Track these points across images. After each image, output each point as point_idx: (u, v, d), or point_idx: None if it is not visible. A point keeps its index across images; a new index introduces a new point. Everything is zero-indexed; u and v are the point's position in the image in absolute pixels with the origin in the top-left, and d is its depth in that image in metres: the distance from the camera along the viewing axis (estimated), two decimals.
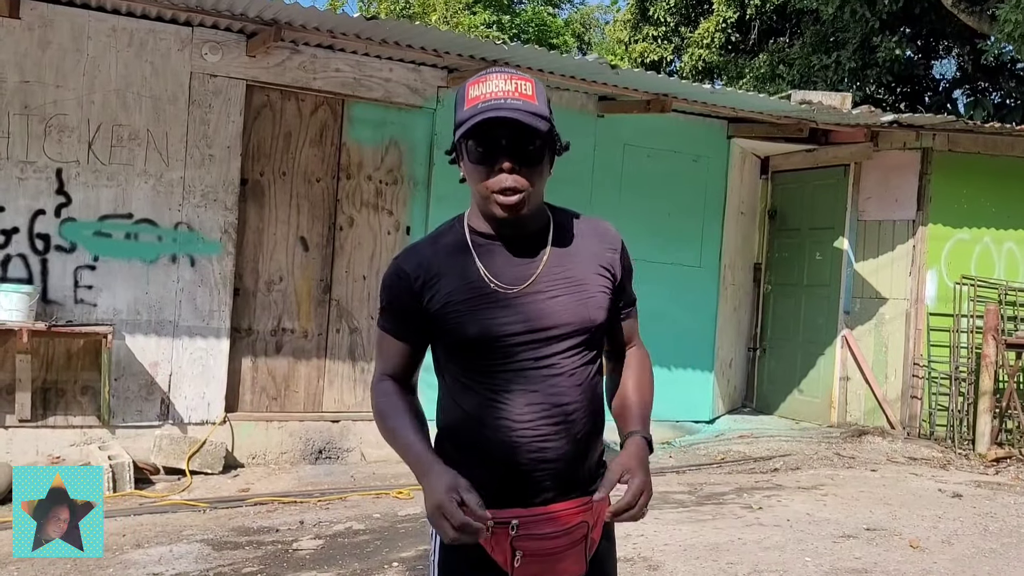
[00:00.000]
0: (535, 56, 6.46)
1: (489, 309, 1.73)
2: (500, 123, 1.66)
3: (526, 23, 20.03)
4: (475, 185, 1.75)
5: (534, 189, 1.72)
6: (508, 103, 1.66)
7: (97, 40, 5.95)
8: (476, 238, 1.81)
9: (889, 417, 8.34)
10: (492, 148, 1.69)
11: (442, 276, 1.78)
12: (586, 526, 1.79)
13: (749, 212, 9.36)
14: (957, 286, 8.14)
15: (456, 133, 1.74)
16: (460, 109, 1.73)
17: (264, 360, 6.65)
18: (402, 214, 7.10)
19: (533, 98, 1.70)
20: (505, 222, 1.75)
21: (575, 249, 1.82)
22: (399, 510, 5.42)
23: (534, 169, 1.71)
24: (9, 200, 5.76)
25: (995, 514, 5.72)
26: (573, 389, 1.76)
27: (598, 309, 1.80)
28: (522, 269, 1.77)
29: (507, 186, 1.69)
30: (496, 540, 1.73)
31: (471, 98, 1.70)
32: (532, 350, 1.74)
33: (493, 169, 1.70)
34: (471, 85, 1.72)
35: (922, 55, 14.54)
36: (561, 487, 1.78)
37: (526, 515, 1.74)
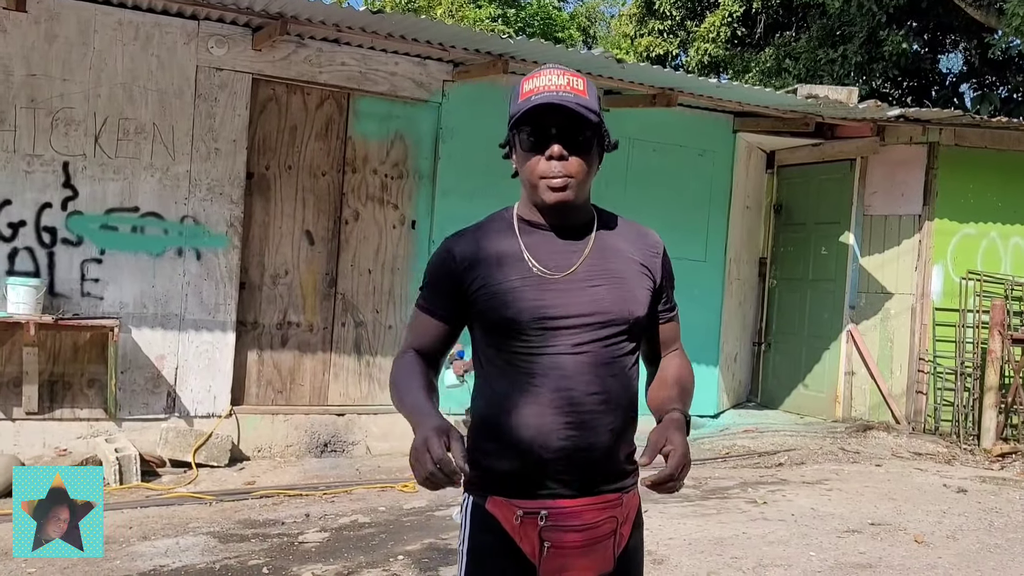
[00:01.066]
0: (540, 50, 6.46)
1: (530, 292, 1.77)
2: (552, 111, 1.72)
3: (531, 16, 19.98)
4: (525, 173, 1.80)
5: (582, 179, 1.77)
6: (560, 95, 1.73)
7: (103, 33, 5.95)
8: (523, 225, 1.85)
9: (894, 412, 8.33)
10: (543, 135, 1.75)
11: (486, 258, 1.81)
12: (615, 521, 1.81)
13: (755, 206, 9.34)
14: (963, 281, 8.12)
15: (510, 125, 1.80)
16: (514, 103, 1.79)
17: (270, 353, 6.67)
18: (407, 208, 7.11)
19: (584, 93, 1.76)
20: (552, 210, 1.80)
21: (617, 246, 1.86)
22: (404, 503, 5.44)
23: (583, 158, 1.76)
24: (16, 193, 5.78)
25: (1000, 509, 5.72)
26: (608, 379, 1.78)
27: (638, 304, 1.83)
28: (566, 257, 1.80)
29: (555, 172, 1.74)
30: (525, 530, 1.76)
31: (525, 91, 1.77)
32: (569, 335, 1.76)
33: (543, 156, 1.75)
34: (525, 80, 1.79)
35: (929, 49, 14.49)
36: (591, 478, 1.78)
37: (555, 507, 1.76)
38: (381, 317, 7.04)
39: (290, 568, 4.20)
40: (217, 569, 4.18)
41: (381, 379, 7.04)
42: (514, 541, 1.77)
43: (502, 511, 1.79)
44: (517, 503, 1.77)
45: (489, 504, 1.81)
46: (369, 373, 7.00)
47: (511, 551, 1.78)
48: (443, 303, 1.86)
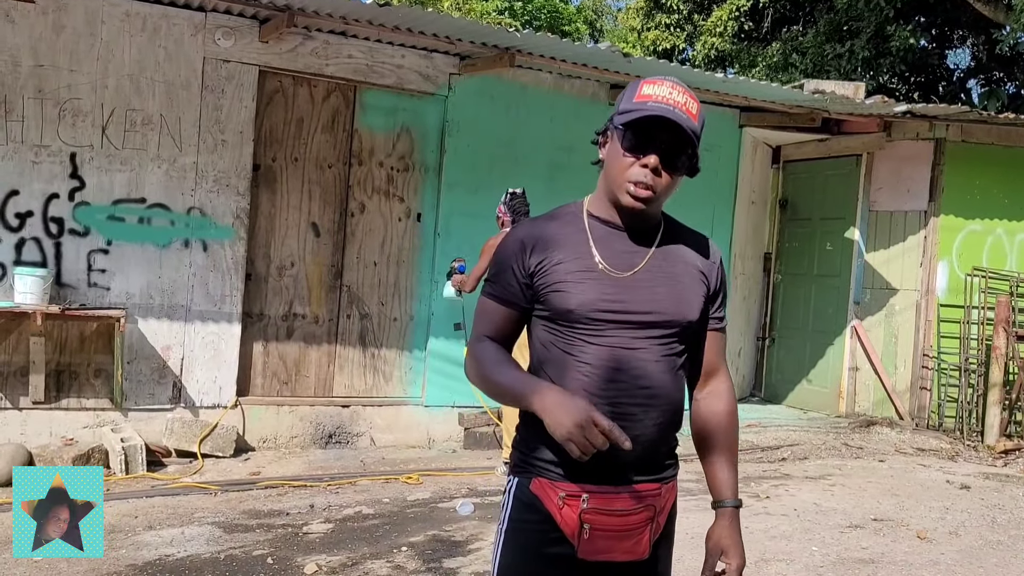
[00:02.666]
0: (547, 44, 6.45)
1: (593, 285, 1.83)
2: (663, 124, 1.77)
3: (538, 9, 19.93)
4: (615, 170, 1.84)
5: (664, 195, 1.84)
6: (676, 112, 1.78)
7: (111, 24, 5.96)
8: (593, 221, 1.90)
9: (898, 408, 8.33)
10: (647, 143, 1.80)
11: (555, 248, 1.86)
12: (652, 510, 1.87)
13: (760, 201, 9.33)
14: (968, 277, 8.12)
15: (617, 118, 1.83)
16: (628, 100, 1.83)
17: (275, 345, 6.69)
18: (413, 201, 7.12)
19: (696, 118, 1.84)
20: (627, 213, 1.86)
21: (679, 251, 1.93)
22: (408, 495, 5.46)
23: (672, 176, 1.84)
24: (24, 184, 5.80)
25: (1003, 506, 5.72)
26: (658, 376, 1.84)
27: (692, 308, 1.89)
28: (630, 257, 1.87)
29: (644, 181, 1.80)
30: (567, 512, 1.82)
31: (644, 94, 1.81)
32: (626, 330, 1.82)
33: (639, 161, 1.80)
34: (646, 83, 1.83)
35: (936, 44, 14.43)
36: (635, 469, 1.84)
37: (597, 491, 1.82)
38: (386, 309, 7.05)
39: (294, 559, 4.23)
40: (222, 559, 4.20)
41: (386, 371, 7.06)
42: (555, 522, 1.83)
43: (546, 492, 1.85)
44: (561, 486, 1.83)
45: (534, 485, 1.87)
46: (374, 365, 7.02)
47: (552, 531, 1.84)
48: (513, 290, 1.90)
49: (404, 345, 7.12)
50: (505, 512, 1.92)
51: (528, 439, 1.90)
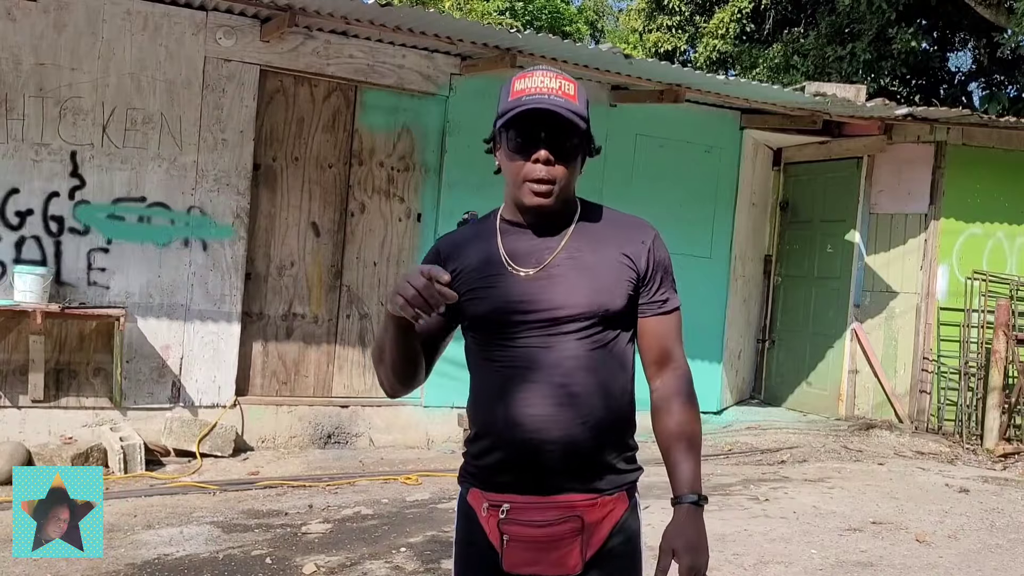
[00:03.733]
0: (549, 45, 6.45)
1: (501, 289, 1.80)
2: (541, 115, 1.73)
3: (539, 10, 19.95)
4: (509, 174, 1.81)
5: (564, 183, 1.78)
6: (551, 99, 1.73)
7: (112, 23, 5.96)
8: (504, 225, 1.88)
9: (897, 411, 8.33)
10: (531, 139, 1.75)
11: (467, 257, 1.86)
12: (579, 520, 1.77)
13: (761, 203, 9.33)
14: (968, 281, 8.11)
15: (497, 122, 1.79)
16: (504, 100, 1.79)
17: (275, 344, 6.69)
18: (414, 201, 7.11)
19: (575, 98, 1.77)
20: (532, 211, 1.82)
21: (598, 237, 1.84)
22: (407, 496, 5.46)
23: (568, 164, 1.78)
24: (24, 182, 5.80)
25: (1002, 510, 5.72)
26: (580, 373, 1.76)
27: (612, 296, 1.79)
28: (540, 253, 1.82)
29: (540, 176, 1.76)
30: (489, 521, 1.80)
31: (516, 91, 1.77)
32: (538, 330, 1.77)
33: (528, 159, 1.76)
34: (517, 79, 1.79)
35: (938, 47, 14.42)
36: (565, 476, 1.77)
37: (520, 500, 1.78)
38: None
39: (293, 559, 4.23)
40: (220, 559, 4.20)
41: None
42: (485, 532, 1.82)
43: (476, 502, 1.84)
44: (488, 495, 1.81)
45: (469, 495, 1.87)
46: (373, 365, 7.00)
47: (482, 541, 1.82)
48: None
49: None
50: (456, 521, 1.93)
51: (468, 443, 1.90)
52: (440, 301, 1.63)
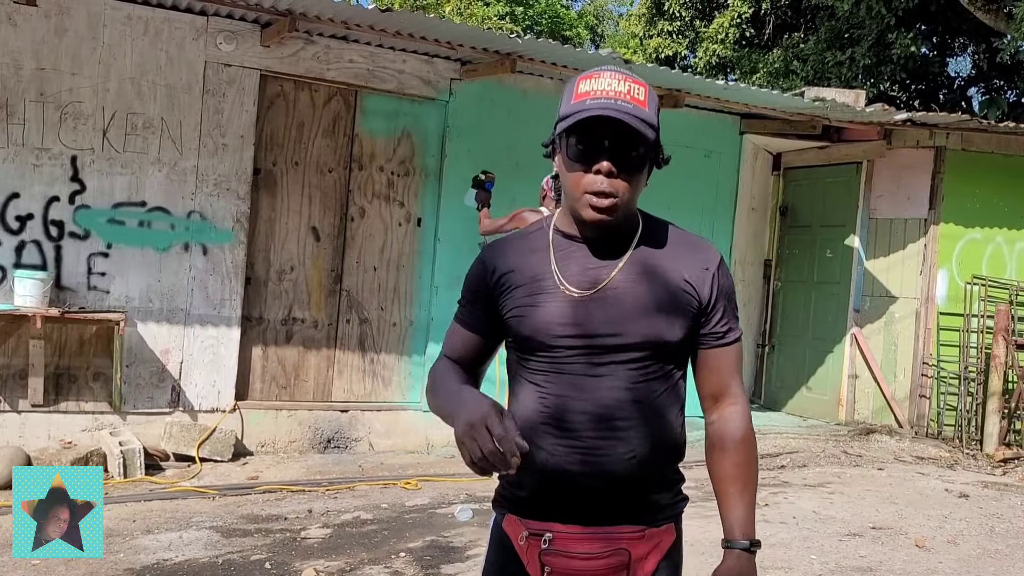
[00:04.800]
0: (549, 50, 6.46)
1: (551, 310, 1.66)
2: (607, 123, 1.58)
3: (539, 15, 19.97)
4: (568, 183, 1.66)
5: (628, 197, 1.64)
6: (619, 104, 1.58)
7: (113, 28, 5.97)
8: (558, 237, 1.73)
9: (897, 416, 8.33)
10: (594, 148, 1.61)
11: (516, 271, 1.72)
12: (626, 554, 1.67)
13: (760, 208, 9.34)
14: (968, 286, 8.11)
15: (558, 126, 1.65)
16: (567, 102, 1.64)
17: (274, 349, 6.69)
18: (413, 206, 7.12)
19: (645, 104, 1.62)
20: (590, 225, 1.67)
21: (660, 260, 1.70)
22: (407, 500, 5.45)
23: (632, 177, 1.63)
24: (24, 186, 5.80)
25: (1002, 515, 5.71)
26: (629, 405, 1.65)
27: (670, 327, 1.67)
28: (595, 273, 1.68)
29: (601, 189, 1.61)
30: (530, 551, 1.69)
31: (580, 92, 1.62)
32: (588, 356, 1.65)
33: (590, 169, 1.61)
34: (582, 79, 1.64)
35: (937, 52, 14.45)
36: (609, 508, 1.67)
37: (563, 531, 1.67)
38: (386, 314, 7.05)
39: (292, 563, 4.22)
40: (220, 563, 4.20)
41: (385, 376, 7.06)
42: (521, 562, 1.71)
43: (513, 529, 1.73)
44: (528, 523, 1.70)
45: (505, 522, 1.76)
46: (373, 370, 7.02)
47: (519, 572, 1.71)
48: (477, 315, 1.78)
49: (403, 350, 7.12)
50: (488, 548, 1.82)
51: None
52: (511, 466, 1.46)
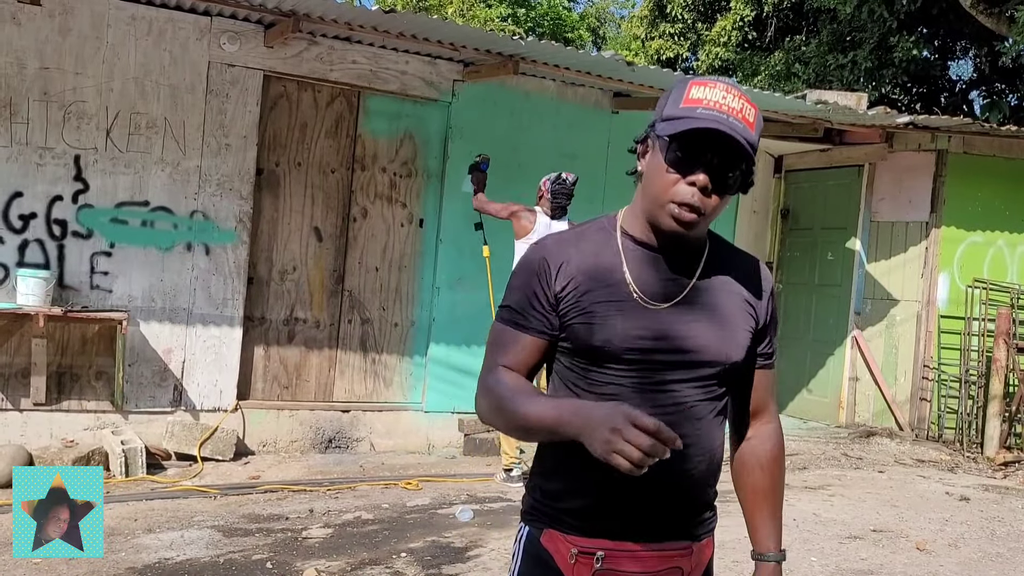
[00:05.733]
0: (551, 51, 6.47)
1: (625, 318, 1.60)
2: (718, 138, 1.53)
3: (541, 16, 19.98)
4: (654, 186, 1.59)
5: (711, 217, 1.60)
6: (730, 121, 1.53)
7: (117, 28, 5.98)
8: (628, 242, 1.66)
9: (898, 419, 8.33)
10: (695, 159, 1.55)
11: (583, 273, 1.62)
12: (679, 572, 1.66)
13: (761, 211, 9.35)
14: (969, 289, 8.12)
15: (659, 126, 1.58)
16: (674, 104, 1.57)
17: (276, 349, 6.70)
18: (416, 206, 7.13)
19: (753, 127, 1.58)
20: (666, 235, 1.61)
21: (725, 280, 1.68)
22: (408, 501, 5.46)
23: (723, 197, 1.59)
24: (27, 185, 5.81)
25: (1002, 518, 5.72)
26: (690, 422, 1.61)
27: (737, 347, 1.66)
28: (669, 285, 1.63)
29: (691, 203, 1.55)
30: (579, 569, 1.62)
31: (693, 98, 1.56)
32: (657, 370, 1.60)
33: (684, 179, 1.55)
34: (695, 84, 1.58)
35: (939, 56, 14.45)
36: (660, 525, 1.64)
37: (615, 548, 1.61)
38: (387, 315, 7.06)
39: (293, 563, 4.23)
40: (221, 563, 4.20)
41: (386, 376, 7.06)
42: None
43: (557, 546, 1.64)
44: (574, 540, 1.62)
45: (544, 537, 1.66)
46: (374, 370, 7.02)
47: None
48: (537, 316, 1.64)
49: (405, 350, 7.12)
50: (515, 565, 1.71)
51: (542, 479, 1.69)
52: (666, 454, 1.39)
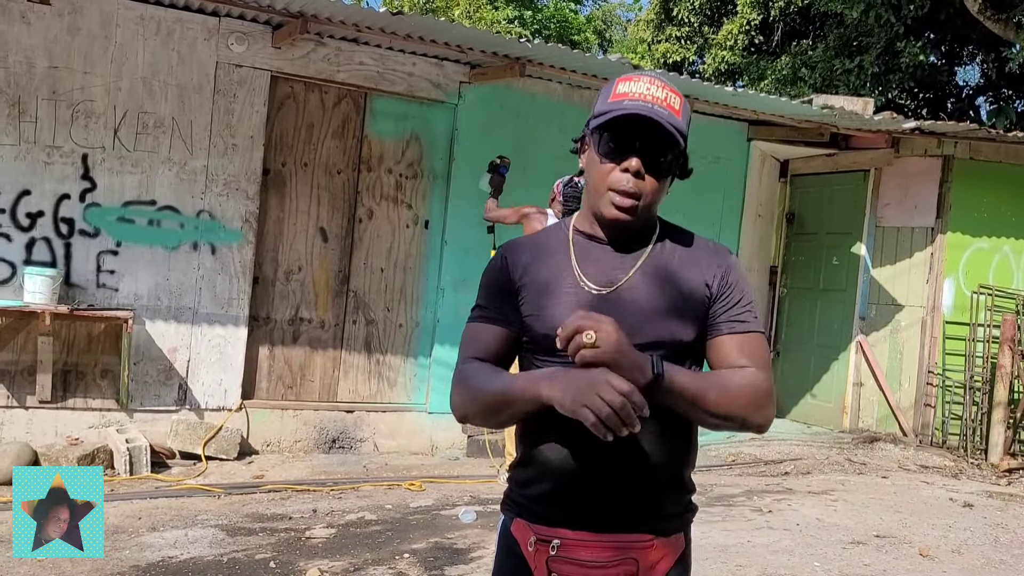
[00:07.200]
0: (558, 54, 6.48)
1: (570, 306, 1.64)
2: (641, 124, 1.61)
3: (548, 19, 20.01)
4: (594, 178, 1.68)
5: (650, 200, 1.66)
6: (655, 109, 1.61)
7: (125, 28, 6.01)
8: (577, 236, 1.75)
9: (902, 424, 8.32)
10: (625, 146, 1.63)
11: (536, 271, 1.72)
12: (634, 564, 1.64)
13: (767, 215, 9.34)
14: (974, 295, 8.11)
15: (591, 122, 1.67)
16: (603, 100, 1.67)
17: (281, 349, 6.71)
18: (421, 208, 7.14)
19: (679, 113, 1.64)
20: (610, 225, 1.69)
21: (676, 262, 1.71)
22: (411, 502, 5.47)
23: (658, 180, 1.66)
24: (35, 184, 5.84)
25: (1006, 525, 5.71)
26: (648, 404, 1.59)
27: (683, 327, 1.66)
28: (615, 272, 1.69)
29: (626, 189, 1.63)
30: (537, 557, 1.67)
31: (618, 93, 1.65)
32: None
33: (619, 167, 1.64)
34: (621, 80, 1.67)
35: (946, 61, 14.44)
36: (619, 514, 1.65)
37: (572, 537, 1.65)
38: (392, 315, 7.07)
39: (297, 563, 4.24)
40: (225, 562, 4.21)
41: (391, 377, 7.07)
42: (529, 568, 1.69)
43: (522, 534, 1.71)
44: (536, 528, 1.68)
45: (514, 526, 1.73)
46: (379, 371, 7.03)
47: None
48: (503, 309, 1.73)
49: (409, 351, 7.13)
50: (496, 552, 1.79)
51: (516, 470, 1.75)
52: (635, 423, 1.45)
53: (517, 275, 1.73)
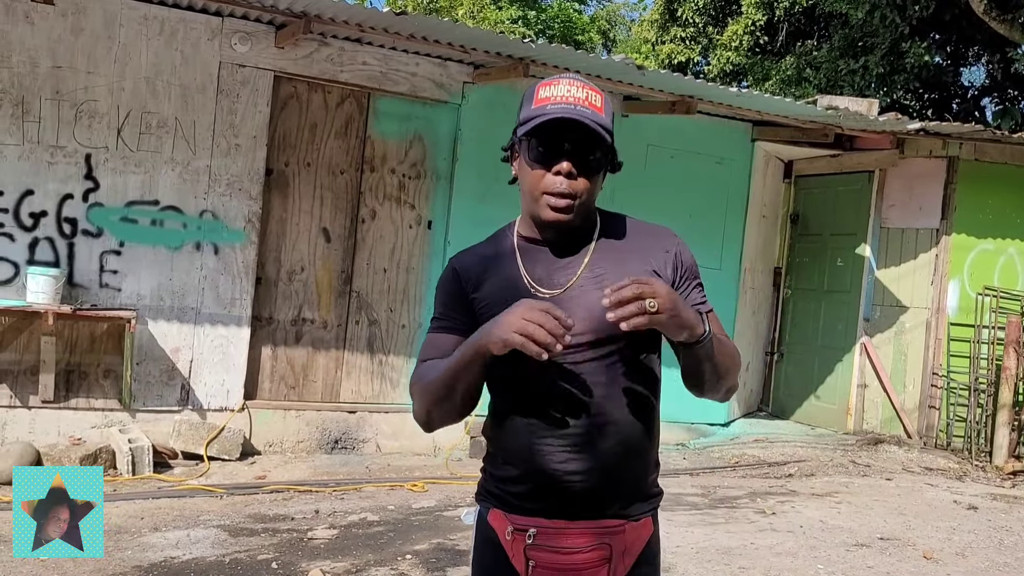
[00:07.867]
0: (562, 55, 6.47)
1: None
2: (567, 126, 1.65)
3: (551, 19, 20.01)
4: (527, 184, 1.72)
5: (586, 198, 1.70)
6: (578, 109, 1.66)
7: (129, 28, 6.01)
8: (521, 242, 1.79)
9: (906, 426, 8.29)
10: (554, 149, 1.68)
11: (487, 278, 1.77)
12: (607, 549, 1.72)
13: (771, 216, 9.32)
14: (979, 297, 8.08)
15: (518, 130, 1.72)
16: (527, 107, 1.72)
17: (283, 349, 6.71)
18: (424, 208, 7.13)
19: (601, 110, 1.69)
20: (550, 226, 1.73)
21: (622, 251, 1.76)
22: (413, 503, 5.46)
23: (590, 178, 1.70)
24: (39, 184, 5.84)
25: (1011, 528, 5.68)
26: (608, 400, 1.69)
27: None
28: (561, 272, 1.73)
29: (560, 190, 1.67)
30: (515, 546, 1.73)
31: (540, 98, 1.70)
32: (563, 354, 1.63)
33: (550, 170, 1.68)
34: (542, 86, 1.71)
35: (951, 62, 14.41)
36: (589, 503, 1.71)
37: (547, 525, 1.71)
38: (395, 316, 7.07)
39: (299, 564, 4.23)
40: (227, 562, 4.21)
41: (393, 377, 7.07)
42: (507, 556, 1.74)
43: (499, 524, 1.76)
44: (513, 518, 1.74)
45: (490, 516, 1.79)
46: (381, 372, 7.03)
47: (505, 566, 1.74)
48: (459, 317, 1.78)
49: (412, 352, 7.12)
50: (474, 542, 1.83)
51: (491, 462, 1.80)
52: (564, 340, 1.51)
53: (470, 287, 1.78)
